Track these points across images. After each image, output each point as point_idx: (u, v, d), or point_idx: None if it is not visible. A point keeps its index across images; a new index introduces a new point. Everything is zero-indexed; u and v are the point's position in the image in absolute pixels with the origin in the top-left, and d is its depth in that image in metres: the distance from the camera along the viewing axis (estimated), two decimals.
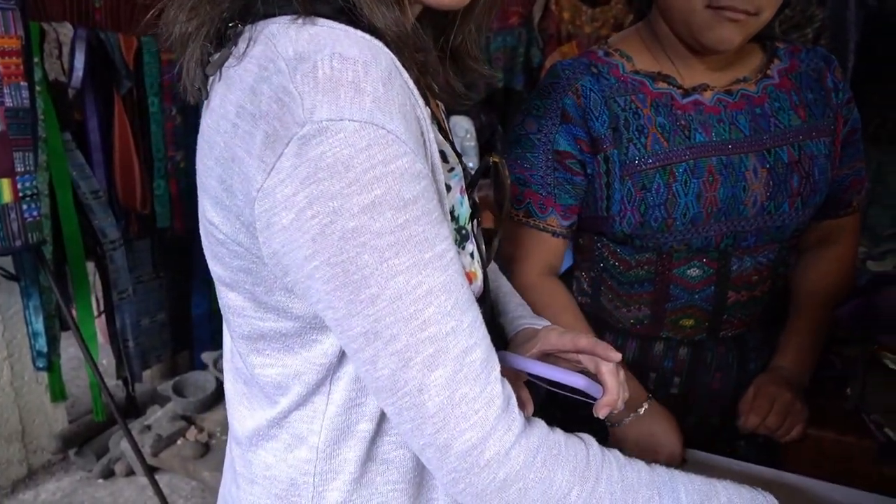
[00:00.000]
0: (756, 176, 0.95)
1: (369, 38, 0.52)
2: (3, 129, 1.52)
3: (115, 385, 2.42)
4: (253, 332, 0.61)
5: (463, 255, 0.64)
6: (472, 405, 0.52)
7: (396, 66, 0.53)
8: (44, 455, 2.32)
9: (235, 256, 0.57)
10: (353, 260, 0.49)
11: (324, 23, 0.53)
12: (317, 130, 0.47)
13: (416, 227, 0.50)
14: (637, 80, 0.97)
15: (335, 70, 0.48)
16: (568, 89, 0.97)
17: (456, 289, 0.52)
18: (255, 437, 0.66)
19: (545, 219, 0.99)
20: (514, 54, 2.98)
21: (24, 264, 1.90)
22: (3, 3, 1.47)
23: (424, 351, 0.51)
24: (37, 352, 2.00)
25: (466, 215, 0.64)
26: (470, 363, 0.53)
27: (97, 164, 2.10)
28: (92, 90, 2.03)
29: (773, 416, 0.99)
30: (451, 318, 0.52)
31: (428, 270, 0.50)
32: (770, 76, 0.99)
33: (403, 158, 0.49)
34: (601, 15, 2.90)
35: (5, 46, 1.49)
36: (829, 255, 1.10)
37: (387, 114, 0.49)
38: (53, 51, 1.89)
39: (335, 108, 0.47)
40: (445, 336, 0.51)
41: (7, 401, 2.16)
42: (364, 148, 0.47)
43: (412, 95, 0.53)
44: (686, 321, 1.03)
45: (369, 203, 0.48)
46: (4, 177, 1.55)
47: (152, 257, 2.44)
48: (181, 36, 0.58)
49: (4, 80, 1.50)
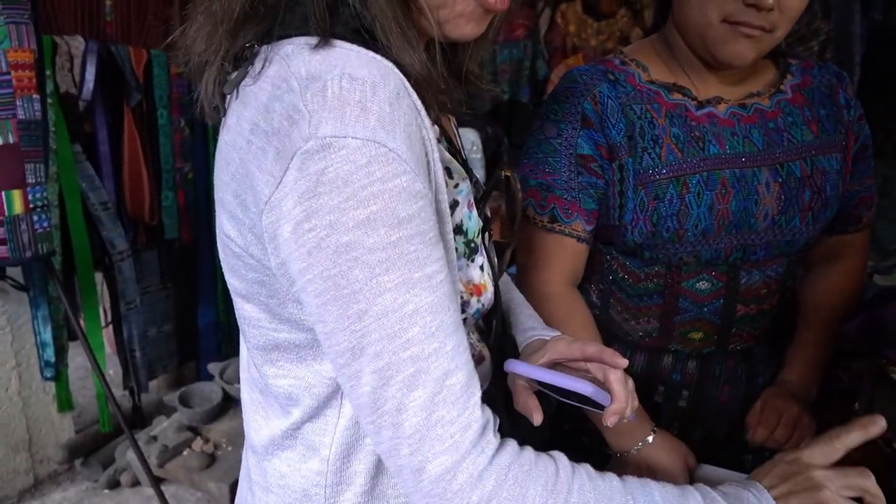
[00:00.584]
0: (768, 190, 0.95)
1: (380, 59, 0.54)
2: (15, 141, 1.54)
3: (121, 395, 2.42)
4: (268, 342, 0.62)
5: (472, 267, 0.65)
6: (449, 428, 0.53)
7: (405, 86, 0.54)
8: (50, 465, 2.32)
9: (250, 269, 0.58)
10: (344, 274, 0.50)
11: (338, 44, 0.54)
12: (320, 146, 0.48)
13: (408, 245, 0.50)
14: (653, 90, 0.97)
15: (344, 90, 0.50)
16: (587, 94, 0.96)
17: (442, 311, 0.53)
18: (271, 446, 0.67)
19: (570, 223, 0.98)
20: (520, 67, 3.00)
21: (33, 275, 1.91)
22: (16, 18, 1.49)
23: (405, 370, 0.51)
24: (45, 362, 2.01)
25: (476, 229, 0.65)
26: (450, 386, 0.53)
27: (106, 176, 2.11)
28: (102, 102, 2.05)
29: (782, 429, 0.99)
30: (435, 339, 0.52)
31: (416, 290, 0.51)
32: (783, 91, 0.99)
33: (403, 177, 0.50)
34: (606, 28, 2.92)
35: (19, 60, 1.51)
36: (837, 269, 1.10)
37: (390, 132, 0.50)
38: (65, 63, 1.91)
39: (340, 125, 0.49)
40: (427, 357, 0.52)
41: (14, 410, 2.17)
42: (364, 164, 0.48)
43: (419, 116, 0.54)
44: (695, 334, 1.03)
45: (364, 219, 0.49)
46: (16, 188, 1.56)
47: (160, 268, 2.45)
48: (199, 63, 0.60)
49: (17, 93, 1.52)
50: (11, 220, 1.56)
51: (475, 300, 0.65)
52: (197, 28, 0.60)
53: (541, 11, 2.98)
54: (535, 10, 2.97)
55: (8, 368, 2.13)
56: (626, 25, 2.90)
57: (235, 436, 2.29)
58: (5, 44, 1.49)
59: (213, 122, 0.62)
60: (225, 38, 0.58)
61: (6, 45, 1.49)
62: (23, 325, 2.14)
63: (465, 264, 0.64)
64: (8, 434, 2.16)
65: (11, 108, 1.52)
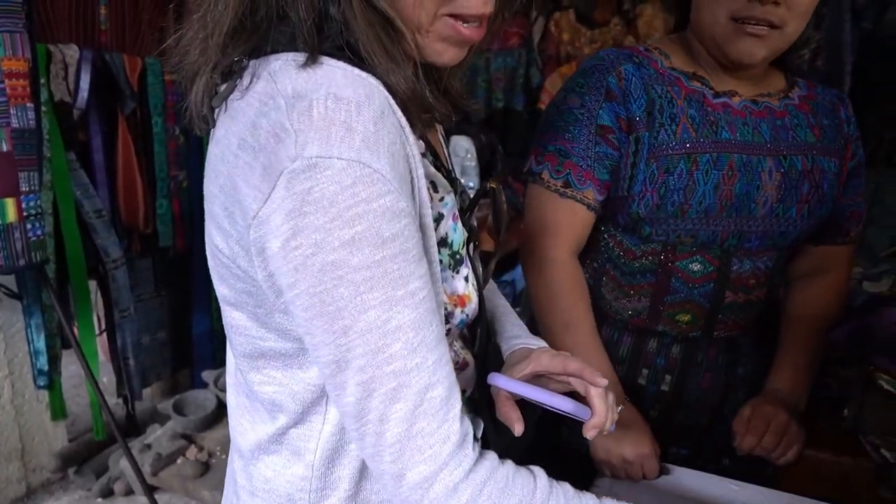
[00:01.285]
0: (770, 177, 1.00)
1: (365, 76, 0.55)
2: (9, 150, 1.54)
3: (115, 403, 2.42)
4: (254, 350, 0.63)
5: (457, 279, 0.66)
6: (428, 440, 0.55)
7: (390, 104, 0.55)
8: (43, 474, 2.31)
9: (238, 279, 0.59)
10: (329, 291, 0.51)
11: (324, 60, 0.55)
12: (307, 166, 0.49)
13: (391, 264, 0.52)
14: (674, 75, 1.02)
15: (329, 110, 0.51)
16: (612, 70, 1.01)
17: (425, 326, 0.54)
18: (257, 450, 0.68)
19: (583, 190, 1.02)
20: (514, 75, 3.02)
21: (26, 283, 1.91)
22: (10, 27, 1.50)
23: (388, 384, 0.53)
24: (38, 370, 2.00)
25: (460, 241, 0.66)
26: (430, 399, 0.55)
27: (100, 184, 2.11)
28: (96, 110, 2.05)
29: (770, 436, 1.00)
30: (417, 354, 0.54)
31: (399, 307, 0.52)
32: (791, 98, 1.05)
33: (387, 197, 0.51)
34: (600, 36, 2.94)
35: (13, 69, 1.51)
36: (821, 283, 1.13)
37: (375, 153, 0.51)
38: (60, 72, 1.91)
39: (326, 145, 0.50)
40: (409, 371, 0.54)
41: (7, 419, 2.16)
42: (349, 185, 0.50)
43: (403, 133, 0.55)
44: (683, 316, 1.06)
45: (350, 238, 0.50)
46: (9, 196, 1.56)
47: (154, 276, 2.45)
48: (190, 72, 0.61)
49: (11, 102, 1.52)
50: (5, 229, 1.56)
51: (459, 311, 0.66)
52: (191, 37, 0.61)
53: (535, 20, 3.00)
54: (528, 19, 2.99)
55: (1, 377, 2.13)
56: (619, 34, 2.92)
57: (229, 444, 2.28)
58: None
59: (202, 133, 0.63)
60: (215, 51, 0.59)
61: (0, 55, 1.49)
62: (16, 333, 2.14)
63: (451, 276, 0.65)
64: (1, 443, 2.16)
65: (5, 116, 1.52)
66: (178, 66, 0.62)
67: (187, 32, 0.61)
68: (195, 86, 0.61)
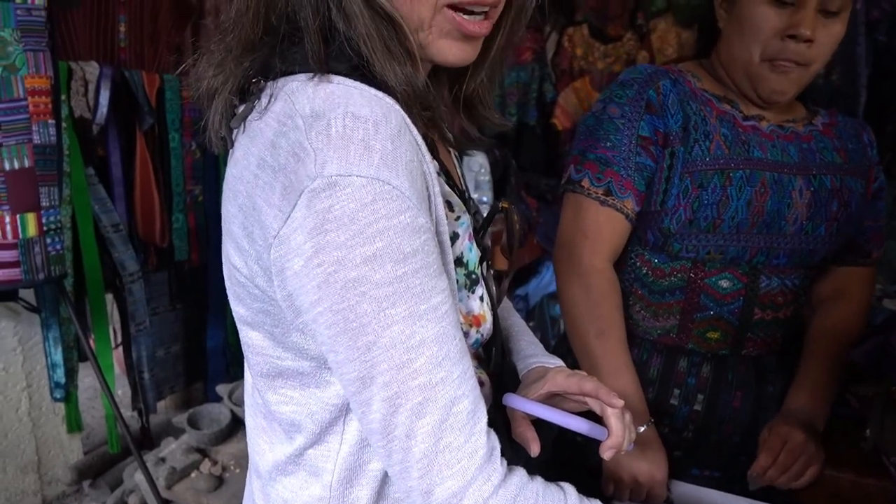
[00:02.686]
0: (801, 196, 1.02)
1: (382, 97, 0.55)
2: (30, 165, 1.56)
3: (129, 416, 2.43)
4: (271, 370, 0.63)
5: (472, 298, 0.66)
6: (456, 454, 0.55)
7: (406, 123, 0.56)
8: (58, 486, 2.32)
9: (255, 299, 0.59)
10: (353, 308, 0.51)
11: (339, 80, 0.56)
12: (327, 184, 0.50)
13: (413, 279, 0.52)
14: (706, 96, 1.05)
15: (347, 128, 0.51)
16: (652, 84, 1.03)
17: (448, 340, 0.54)
18: (274, 471, 0.68)
19: (623, 200, 1.02)
20: (528, 90, 3.02)
21: (44, 296, 1.93)
22: (34, 46, 1.52)
23: (414, 399, 0.53)
24: (55, 383, 2.02)
25: (475, 260, 0.66)
26: (456, 413, 0.55)
27: (118, 198, 2.14)
28: (115, 126, 2.08)
29: (784, 456, 0.99)
30: (442, 368, 0.54)
31: (422, 322, 0.53)
32: (815, 124, 1.08)
33: (407, 213, 0.51)
34: (613, 51, 2.95)
35: (36, 86, 1.54)
36: (844, 306, 1.15)
37: (393, 170, 0.51)
38: (80, 88, 1.95)
39: (345, 164, 0.50)
40: (434, 386, 0.53)
41: (24, 431, 2.18)
42: (369, 202, 0.50)
43: (420, 151, 0.56)
44: (712, 333, 1.06)
45: (371, 255, 0.50)
46: (30, 211, 1.58)
47: (169, 289, 2.47)
48: (208, 90, 0.61)
49: (34, 118, 1.55)
50: (25, 243, 1.58)
51: (474, 331, 0.66)
52: (209, 57, 0.62)
53: (548, 35, 3.00)
54: (542, 34, 2.99)
55: (18, 389, 2.15)
56: (632, 48, 2.93)
57: (243, 458, 2.28)
58: (23, 71, 1.51)
59: (219, 152, 0.64)
60: (231, 70, 0.59)
61: (24, 72, 1.52)
62: (34, 346, 2.15)
63: (466, 295, 0.65)
64: (17, 455, 2.17)
65: (27, 133, 1.55)
66: (197, 86, 0.63)
67: (205, 53, 0.62)
68: (213, 106, 0.61)
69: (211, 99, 0.62)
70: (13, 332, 2.11)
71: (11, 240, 1.56)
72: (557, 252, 1.09)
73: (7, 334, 2.11)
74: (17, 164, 1.54)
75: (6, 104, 1.50)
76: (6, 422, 2.14)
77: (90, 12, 1.99)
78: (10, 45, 1.49)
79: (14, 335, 2.11)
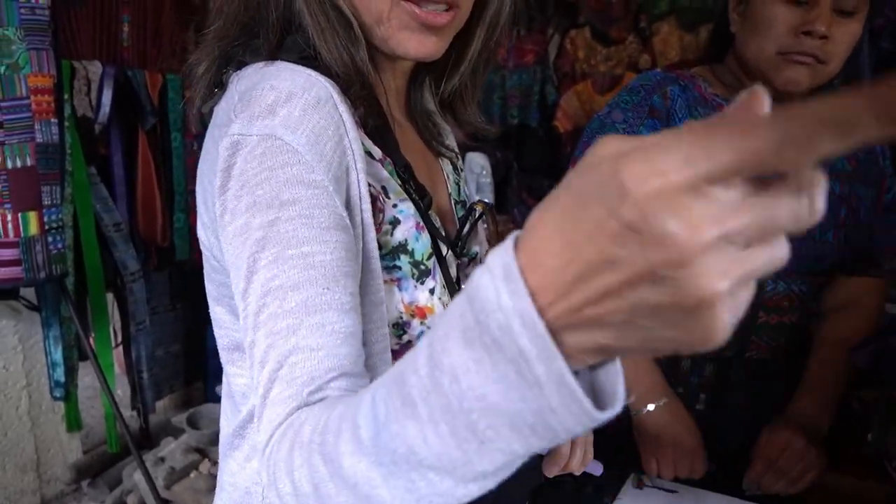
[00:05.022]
0: None
1: (314, 75, 0.58)
2: (32, 164, 1.56)
3: (128, 416, 2.42)
4: (231, 343, 0.67)
5: (420, 290, 0.65)
6: (279, 393, 0.52)
7: (334, 98, 0.58)
8: (57, 485, 2.32)
9: (216, 271, 0.64)
10: (238, 254, 0.55)
11: (282, 64, 0.60)
12: (230, 143, 0.55)
13: (286, 225, 0.53)
14: (717, 100, 1.05)
15: (262, 96, 0.56)
16: (658, 90, 1.04)
17: (310, 287, 0.53)
18: (227, 445, 0.70)
19: None
20: (530, 92, 3.03)
21: (45, 295, 1.93)
22: (38, 45, 1.53)
23: (261, 345, 0.53)
24: (55, 381, 2.02)
25: (424, 251, 0.66)
26: (291, 364, 0.52)
27: (120, 198, 2.14)
28: (117, 125, 2.08)
29: (785, 460, 0.99)
30: (291, 315, 0.52)
31: (285, 266, 0.53)
32: None
33: (294, 167, 0.54)
34: (615, 54, 2.95)
35: (39, 85, 1.54)
36: (854, 314, 1.14)
37: (291, 130, 0.54)
38: (83, 87, 1.95)
39: (247, 124, 0.55)
40: (277, 332, 0.52)
41: (24, 430, 2.18)
42: (258, 156, 0.54)
43: (343, 126, 0.58)
44: None
45: (252, 202, 0.54)
46: (32, 210, 1.58)
47: (170, 289, 2.47)
48: (194, 75, 0.67)
49: (36, 117, 1.55)
50: (27, 242, 1.58)
51: (417, 322, 0.65)
52: (203, 45, 0.66)
53: (550, 37, 3.01)
54: (544, 37, 3.00)
55: (18, 388, 2.14)
56: (634, 51, 2.93)
57: None
58: (26, 69, 1.52)
59: (197, 131, 0.68)
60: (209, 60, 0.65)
61: (27, 71, 1.52)
62: (34, 344, 2.15)
63: (413, 285, 0.65)
64: (17, 454, 2.17)
65: (30, 131, 1.55)
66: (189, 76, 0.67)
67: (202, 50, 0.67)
68: (194, 90, 0.67)
69: (196, 83, 0.67)
70: (14, 331, 2.11)
71: (13, 238, 1.56)
72: None
73: (7, 332, 2.11)
74: (19, 163, 1.54)
75: (9, 102, 1.51)
76: (6, 420, 2.13)
77: (93, 11, 1.99)
78: (14, 44, 1.49)
79: (14, 333, 2.11)
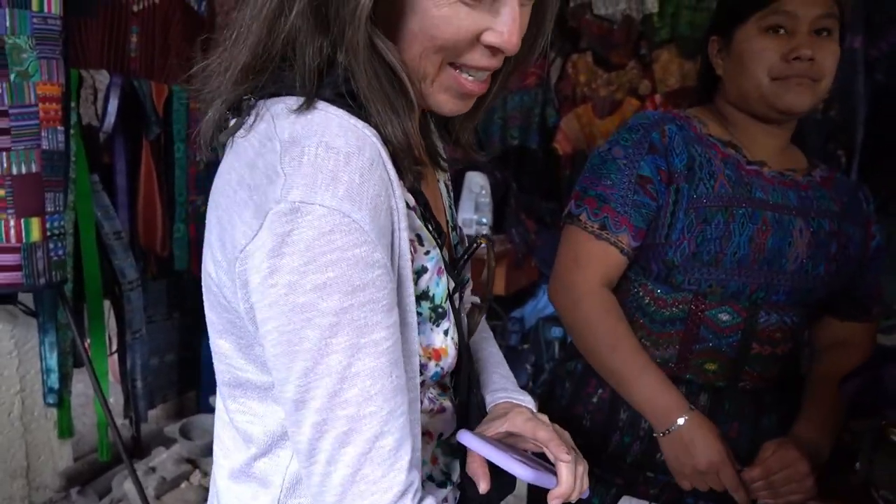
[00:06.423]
0: (801, 235, 1.06)
1: (360, 127, 0.57)
2: (38, 171, 1.58)
3: (120, 424, 2.42)
4: (233, 379, 0.66)
5: (436, 332, 0.67)
6: (371, 486, 0.56)
7: (381, 155, 0.57)
8: (46, 493, 2.31)
9: (224, 309, 0.62)
10: (297, 332, 0.53)
11: (322, 106, 0.58)
12: (289, 209, 0.52)
13: (359, 312, 0.54)
14: (711, 140, 1.09)
15: (319, 157, 0.53)
16: (656, 128, 1.08)
17: (383, 376, 0.56)
18: (229, 479, 0.70)
19: (618, 234, 1.06)
20: (530, 114, 3.06)
21: (43, 301, 1.93)
22: (48, 54, 1.55)
23: (340, 427, 0.55)
24: (48, 388, 2.01)
25: (443, 294, 0.67)
26: (379, 448, 0.56)
27: (121, 206, 2.15)
28: (122, 135, 2.10)
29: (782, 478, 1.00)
30: (372, 402, 0.55)
31: (360, 354, 0.54)
32: (813, 176, 1.12)
33: (363, 247, 0.53)
34: (616, 79, 2.99)
35: (47, 93, 1.56)
36: (848, 351, 1.16)
37: (356, 203, 0.53)
38: (89, 96, 1.97)
39: (310, 191, 0.52)
40: (362, 418, 0.55)
41: (15, 436, 2.17)
42: (327, 232, 0.52)
43: (390, 186, 0.57)
44: (710, 365, 1.09)
45: (321, 283, 0.52)
46: (35, 216, 1.59)
47: (167, 298, 2.47)
48: (207, 100, 0.65)
49: (43, 125, 1.57)
50: (28, 247, 1.59)
51: (433, 364, 0.67)
52: (212, 68, 0.64)
53: (552, 61, 3.04)
54: (546, 60, 3.03)
55: (12, 393, 2.14)
56: (635, 77, 2.97)
57: None
58: (35, 77, 1.54)
59: (207, 158, 0.67)
60: (227, 85, 0.62)
61: (36, 79, 1.54)
62: (29, 350, 2.15)
63: (430, 329, 0.66)
64: (7, 459, 2.16)
65: (37, 138, 1.56)
66: (199, 94, 0.65)
67: (212, 63, 0.64)
68: (207, 115, 0.64)
69: (208, 108, 0.64)
70: (9, 336, 2.11)
71: (15, 244, 1.57)
72: (552, 284, 1.12)
73: (3, 337, 2.11)
74: (24, 169, 1.55)
75: (17, 110, 1.52)
76: None
77: (103, 21, 2.01)
78: (25, 52, 1.51)
79: (10, 338, 2.11)
